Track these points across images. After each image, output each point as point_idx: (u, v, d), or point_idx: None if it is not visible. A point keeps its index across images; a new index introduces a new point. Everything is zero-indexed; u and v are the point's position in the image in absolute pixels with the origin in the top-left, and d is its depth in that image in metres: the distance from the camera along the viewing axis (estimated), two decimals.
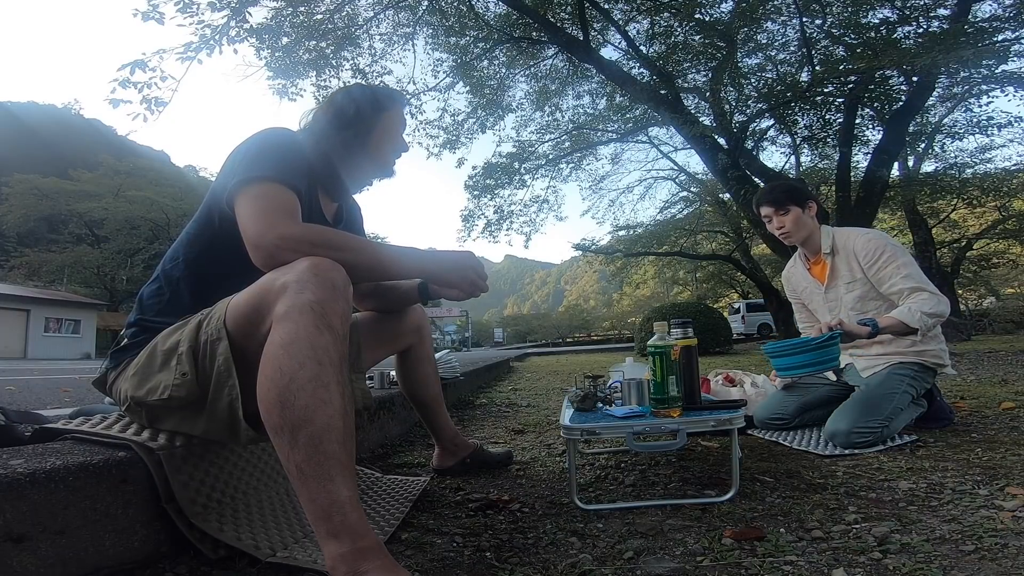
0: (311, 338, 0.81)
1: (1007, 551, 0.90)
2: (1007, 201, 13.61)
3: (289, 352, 0.81)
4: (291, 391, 0.79)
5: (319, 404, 0.79)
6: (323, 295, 0.85)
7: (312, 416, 0.79)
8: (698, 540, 1.03)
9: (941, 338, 1.98)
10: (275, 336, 0.84)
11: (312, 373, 0.80)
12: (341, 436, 0.80)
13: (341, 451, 0.79)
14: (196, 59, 6.70)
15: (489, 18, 9.51)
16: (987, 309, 18.39)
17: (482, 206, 12.00)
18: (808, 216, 2.07)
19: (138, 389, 1.01)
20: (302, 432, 0.78)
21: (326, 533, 0.77)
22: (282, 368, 0.80)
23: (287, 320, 0.83)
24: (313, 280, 0.85)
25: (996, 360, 4.82)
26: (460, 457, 1.62)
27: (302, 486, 0.78)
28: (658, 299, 29.47)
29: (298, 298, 0.83)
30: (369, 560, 0.76)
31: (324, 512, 0.77)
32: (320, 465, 0.78)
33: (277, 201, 0.99)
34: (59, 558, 0.80)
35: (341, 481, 0.78)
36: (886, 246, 1.92)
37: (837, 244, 2.04)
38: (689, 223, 16.47)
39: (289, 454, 0.79)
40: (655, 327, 1.40)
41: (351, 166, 1.25)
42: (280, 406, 0.79)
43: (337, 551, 0.76)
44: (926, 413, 1.98)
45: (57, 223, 34.96)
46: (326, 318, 0.84)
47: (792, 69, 8.59)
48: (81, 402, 2.25)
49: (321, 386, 0.80)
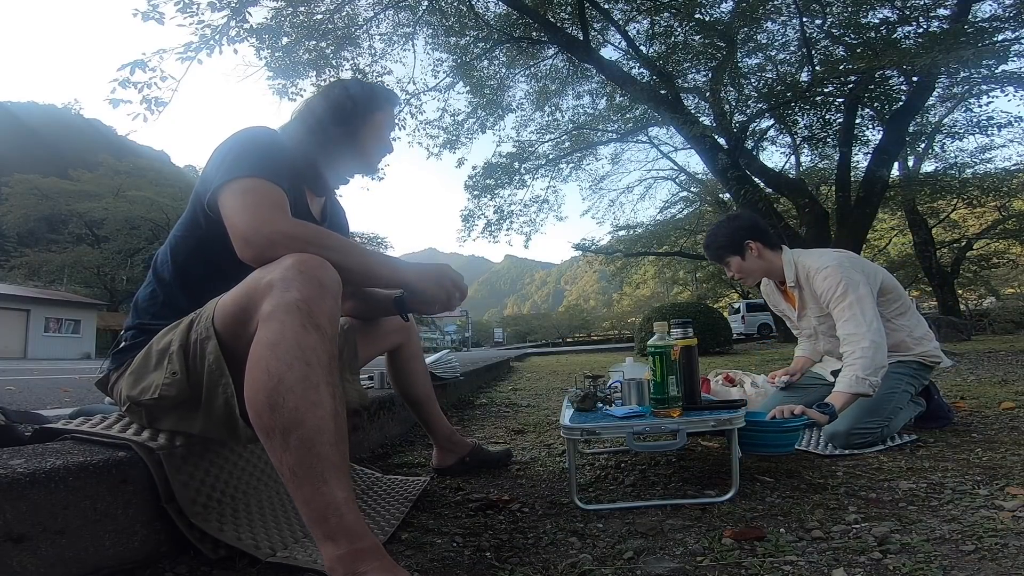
0: (298, 338, 0.80)
1: (1007, 551, 0.90)
2: (1007, 201, 13.63)
3: (276, 353, 0.79)
4: (280, 393, 0.77)
5: (309, 406, 0.78)
6: (309, 293, 0.82)
7: (302, 418, 0.77)
8: (698, 540, 1.03)
9: (932, 337, 1.98)
10: (261, 336, 0.82)
11: (300, 374, 0.78)
12: (333, 437, 0.79)
13: (333, 452, 0.78)
14: (196, 59, 6.71)
15: (489, 18, 9.52)
16: (987, 309, 18.38)
17: (482, 206, 12.03)
18: (752, 257, 1.97)
19: (133, 389, 1.01)
20: (293, 434, 0.77)
21: (323, 535, 0.76)
22: (269, 370, 0.79)
23: (273, 320, 0.81)
24: (299, 278, 0.83)
25: (996, 360, 4.82)
26: (459, 456, 1.62)
27: (296, 489, 0.77)
28: (658, 299, 29.47)
29: (284, 297, 0.82)
30: (367, 561, 0.75)
31: (320, 515, 0.76)
32: (313, 467, 0.76)
33: (268, 197, 0.97)
34: (59, 558, 0.80)
35: (335, 483, 0.77)
36: (837, 284, 1.79)
37: (800, 277, 1.94)
38: (689, 223, 16.48)
39: (281, 457, 0.77)
40: (655, 327, 1.39)
41: (335, 160, 1.25)
42: (270, 408, 0.78)
43: (335, 553, 0.75)
44: (925, 412, 1.98)
45: (57, 223, 34.95)
46: (313, 317, 0.82)
47: (792, 69, 8.60)
48: (81, 402, 2.25)
49: (311, 387, 0.78)
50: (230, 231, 0.95)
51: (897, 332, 1.92)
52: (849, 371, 1.70)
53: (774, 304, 2.22)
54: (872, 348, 1.68)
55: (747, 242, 1.97)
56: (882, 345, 1.71)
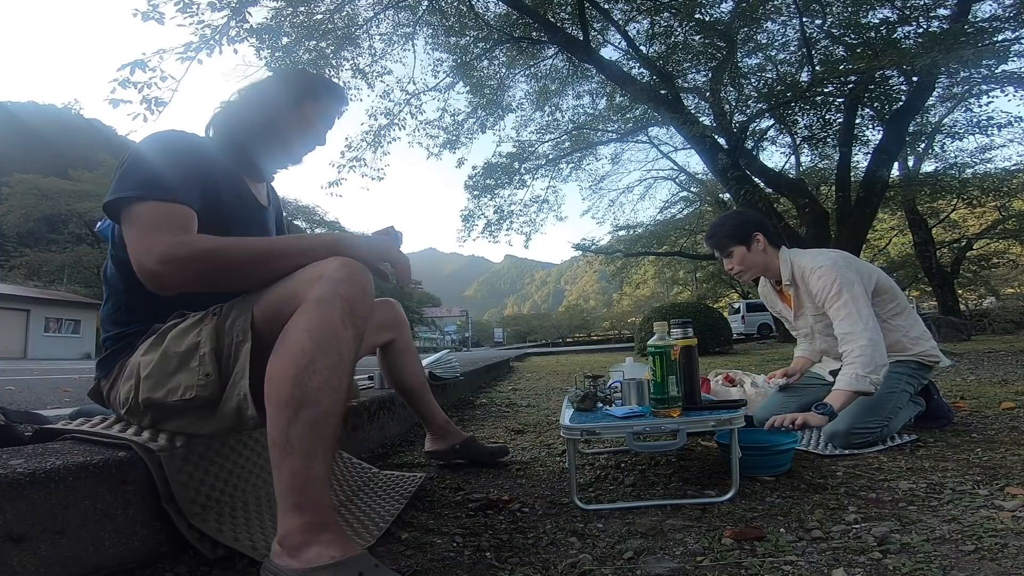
0: (336, 330, 0.86)
1: (1007, 551, 0.90)
2: (1007, 201, 13.63)
3: (314, 338, 0.85)
4: (308, 372, 0.83)
5: (331, 390, 0.84)
6: (353, 294, 0.89)
7: (321, 399, 0.83)
8: (698, 540, 1.03)
9: (929, 337, 1.98)
10: (301, 320, 0.87)
11: (332, 361, 0.85)
12: (337, 422, 0.86)
13: (331, 435, 0.85)
14: (196, 59, 6.71)
15: (489, 18, 9.52)
16: (987, 309, 18.37)
17: (482, 206, 12.02)
18: (757, 250, 1.97)
19: (155, 391, 0.98)
20: (307, 410, 0.82)
21: (293, 505, 0.81)
22: (304, 349, 0.84)
23: (317, 309, 0.86)
24: (347, 279, 0.89)
25: (996, 360, 4.81)
26: (451, 444, 1.66)
27: (284, 459, 0.82)
28: (658, 299, 29.48)
29: (333, 290, 0.87)
30: (328, 532, 0.80)
31: (299, 486, 0.81)
32: (312, 443, 0.82)
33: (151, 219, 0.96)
34: (59, 558, 0.80)
35: (322, 460, 0.83)
36: (832, 283, 1.79)
37: (796, 276, 1.94)
38: (689, 223, 16.48)
39: (286, 427, 0.82)
40: (655, 327, 1.40)
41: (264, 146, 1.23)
42: (292, 383, 0.83)
43: (298, 521, 0.80)
44: (925, 412, 1.98)
45: (57, 223, 34.96)
46: (352, 316, 0.88)
47: (792, 69, 8.60)
48: (81, 402, 2.25)
49: (336, 375, 0.85)
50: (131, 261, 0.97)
51: (893, 332, 1.92)
52: (849, 369, 1.70)
53: (771, 305, 2.22)
54: (871, 346, 1.68)
55: (755, 233, 1.97)
56: (880, 343, 1.71)
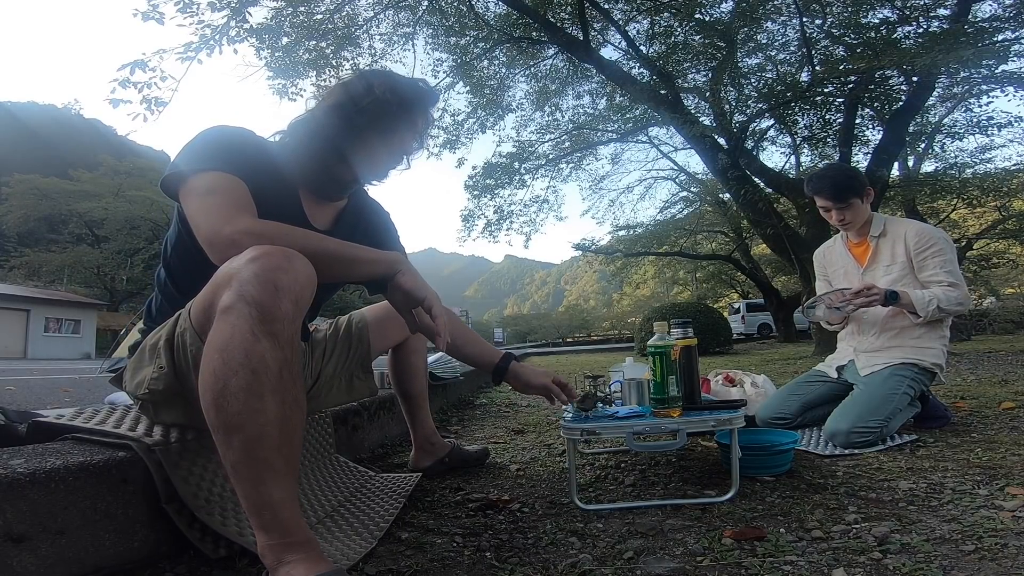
0: (246, 345, 0.77)
1: (1007, 551, 0.90)
2: (1007, 201, 13.60)
3: (223, 358, 0.77)
4: (224, 397, 0.77)
5: (251, 413, 0.77)
6: (263, 298, 0.78)
7: (243, 424, 0.76)
8: (698, 540, 1.03)
9: (945, 338, 2.00)
10: (212, 337, 0.80)
11: (244, 382, 0.76)
12: (276, 443, 0.78)
13: (275, 456, 0.78)
14: (196, 59, 6.71)
15: (489, 18, 9.51)
16: (987, 309, 18.36)
17: (482, 206, 12.00)
18: (866, 204, 2.07)
19: (130, 384, 1.05)
20: (235, 436, 0.77)
21: (257, 526, 0.79)
22: (215, 372, 0.78)
23: (224, 322, 0.79)
24: (254, 281, 0.78)
25: (996, 360, 4.81)
26: (438, 457, 1.65)
27: (236, 483, 0.79)
28: (658, 299, 29.43)
29: (238, 295, 0.78)
30: (295, 552, 0.77)
31: (255, 508, 0.78)
32: (252, 468, 0.77)
33: (228, 193, 0.95)
34: (59, 558, 0.80)
35: (273, 484, 0.78)
36: (940, 239, 1.96)
37: (887, 228, 2.06)
38: (689, 223, 16.45)
39: (224, 453, 0.78)
40: (655, 327, 1.40)
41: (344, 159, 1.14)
42: (215, 409, 0.78)
43: (264, 541, 0.78)
44: (922, 412, 1.99)
45: (57, 223, 34.96)
46: (265, 324, 0.78)
47: (792, 69, 8.59)
48: (81, 402, 2.25)
49: (254, 396, 0.77)
50: (195, 233, 0.95)
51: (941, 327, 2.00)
52: (932, 292, 1.88)
53: (826, 263, 2.26)
54: (963, 297, 1.89)
55: (867, 188, 2.07)
56: (967, 304, 1.92)
